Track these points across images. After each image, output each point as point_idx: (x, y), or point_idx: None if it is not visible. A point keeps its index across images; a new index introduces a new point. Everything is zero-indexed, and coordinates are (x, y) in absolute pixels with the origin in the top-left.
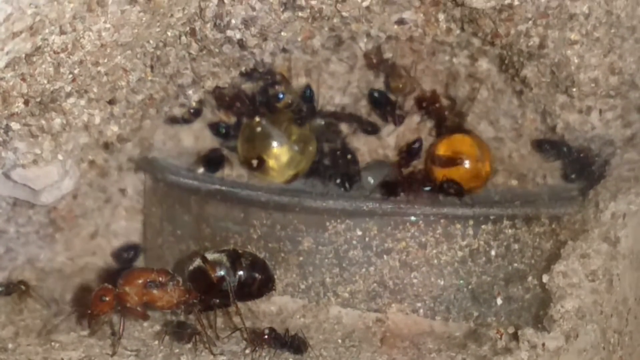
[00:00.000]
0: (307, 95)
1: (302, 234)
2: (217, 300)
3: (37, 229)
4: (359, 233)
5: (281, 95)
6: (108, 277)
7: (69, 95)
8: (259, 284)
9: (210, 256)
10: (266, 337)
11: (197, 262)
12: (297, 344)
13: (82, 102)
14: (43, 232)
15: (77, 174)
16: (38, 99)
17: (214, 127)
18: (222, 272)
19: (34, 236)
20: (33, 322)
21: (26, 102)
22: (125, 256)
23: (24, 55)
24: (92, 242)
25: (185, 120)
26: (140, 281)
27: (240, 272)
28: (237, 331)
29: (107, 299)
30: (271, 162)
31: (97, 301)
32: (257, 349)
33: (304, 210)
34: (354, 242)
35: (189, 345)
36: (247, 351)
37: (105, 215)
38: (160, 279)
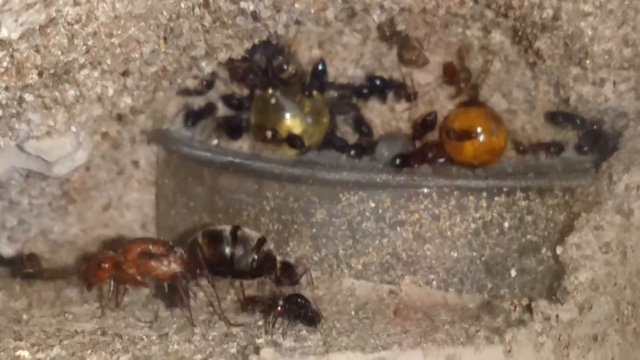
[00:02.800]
0: (320, 70)
1: (315, 206)
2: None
3: (50, 200)
4: (372, 205)
5: (285, 67)
6: None
7: (82, 66)
8: (257, 265)
9: (215, 229)
10: (280, 308)
11: (197, 235)
12: (310, 315)
13: (96, 73)
14: (56, 204)
15: (91, 146)
16: (52, 71)
17: (227, 99)
18: (222, 249)
19: (47, 208)
20: (46, 293)
21: (40, 74)
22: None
23: (38, 27)
24: (105, 214)
25: (198, 92)
26: (137, 251)
27: (240, 251)
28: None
29: (106, 266)
30: (284, 134)
31: (96, 268)
32: (271, 320)
33: (317, 182)
34: (367, 214)
35: (203, 317)
36: (261, 323)
37: (118, 187)
38: (157, 249)
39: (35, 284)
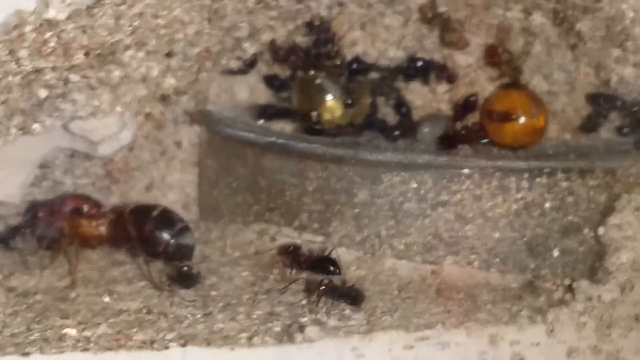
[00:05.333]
0: (354, 68)
1: (358, 187)
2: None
3: (94, 180)
4: (414, 185)
5: (333, 55)
6: None
7: (127, 47)
8: (172, 250)
9: (143, 205)
10: (323, 288)
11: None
12: (354, 295)
13: (141, 54)
14: (99, 184)
15: (135, 126)
16: (98, 51)
17: (269, 80)
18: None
19: (90, 188)
20: (91, 272)
21: (86, 54)
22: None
23: (85, 7)
24: (148, 195)
25: (241, 71)
26: (70, 208)
27: (160, 233)
28: (294, 282)
29: (41, 214)
30: (326, 115)
31: (32, 214)
32: (314, 300)
33: (360, 163)
34: (409, 194)
35: (247, 296)
36: (304, 302)
37: (161, 168)
38: (90, 209)
39: (79, 264)
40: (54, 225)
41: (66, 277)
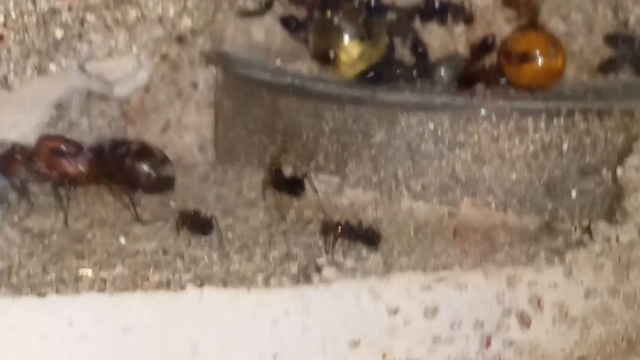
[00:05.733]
0: (371, 9)
1: (374, 128)
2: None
3: (110, 121)
4: (431, 126)
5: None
6: None
7: None
8: (155, 181)
9: (121, 140)
10: (340, 229)
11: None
12: (370, 236)
13: None
14: (115, 125)
15: (151, 67)
16: None
17: (285, 21)
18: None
19: (106, 129)
20: (107, 214)
21: None
22: None
23: None
24: (163, 136)
25: (257, 12)
26: (49, 147)
27: (142, 166)
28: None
29: (19, 157)
30: (342, 56)
31: (9, 158)
32: (331, 241)
33: (376, 104)
34: (426, 135)
35: (263, 237)
36: (321, 243)
37: (177, 109)
38: (68, 148)
39: (95, 205)
40: (34, 167)
41: (82, 219)
